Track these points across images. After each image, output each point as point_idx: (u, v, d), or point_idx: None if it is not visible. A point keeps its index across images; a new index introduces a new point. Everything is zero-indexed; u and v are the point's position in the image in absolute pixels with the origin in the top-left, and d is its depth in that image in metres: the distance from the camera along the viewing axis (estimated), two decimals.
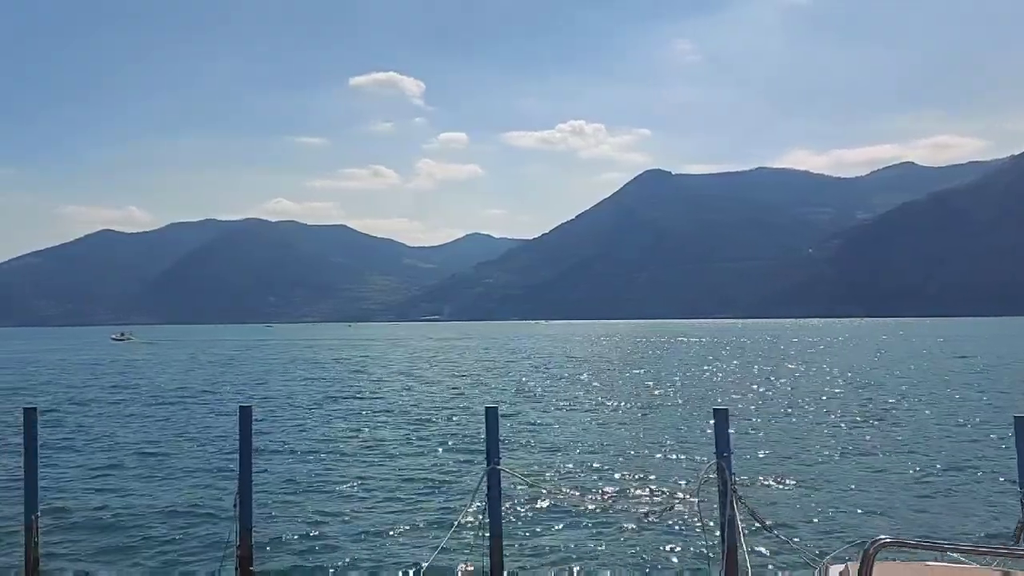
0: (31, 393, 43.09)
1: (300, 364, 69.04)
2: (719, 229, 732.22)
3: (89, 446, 23.82)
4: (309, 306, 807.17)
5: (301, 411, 32.46)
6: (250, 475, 11.59)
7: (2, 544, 13.21)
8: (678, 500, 14.95)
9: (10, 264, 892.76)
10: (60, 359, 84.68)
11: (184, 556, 12.76)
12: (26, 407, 12.22)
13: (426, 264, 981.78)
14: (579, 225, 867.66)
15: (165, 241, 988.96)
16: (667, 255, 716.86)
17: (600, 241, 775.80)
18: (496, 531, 10.82)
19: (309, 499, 16.58)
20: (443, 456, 21.35)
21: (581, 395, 37.93)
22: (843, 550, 8.55)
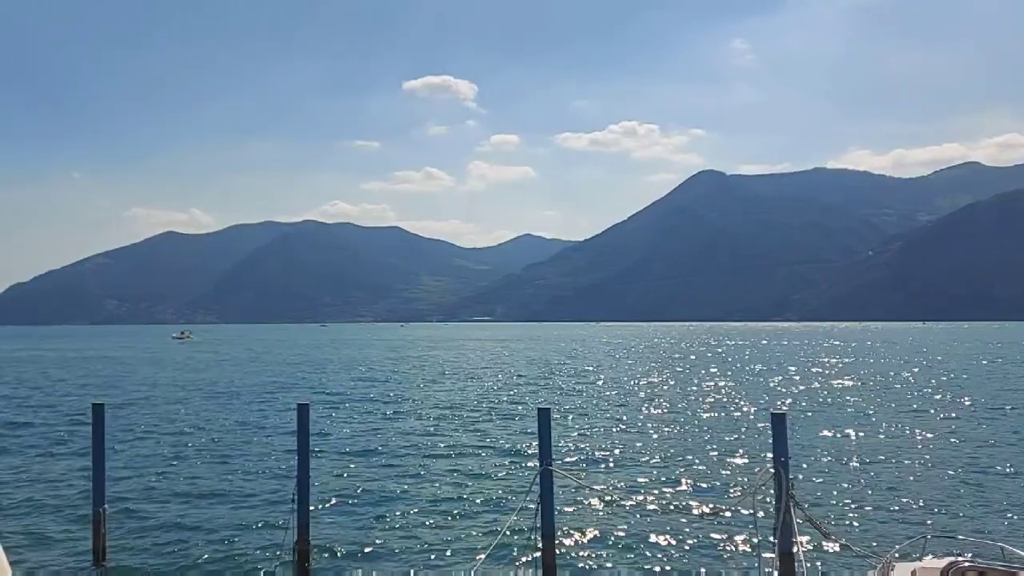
0: (98, 389, 44.59)
1: (354, 363, 69.95)
2: (776, 231, 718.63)
3: (152, 441, 24.51)
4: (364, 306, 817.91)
5: (356, 409, 32.88)
6: (307, 471, 11.80)
7: (71, 535, 13.66)
8: (733, 503, 14.72)
9: (82, 264, 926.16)
10: (125, 357, 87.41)
11: (243, 549, 13.03)
12: (94, 403, 12.67)
13: (478, 265, 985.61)
14: (631, 226, 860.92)
15: (226, 243, 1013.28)
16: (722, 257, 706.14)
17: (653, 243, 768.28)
18: (548, 531, 10.81)
19: (364, 496, 16.79)
20: (496, 456, 21.39)
21: (634, 397, 37.61)
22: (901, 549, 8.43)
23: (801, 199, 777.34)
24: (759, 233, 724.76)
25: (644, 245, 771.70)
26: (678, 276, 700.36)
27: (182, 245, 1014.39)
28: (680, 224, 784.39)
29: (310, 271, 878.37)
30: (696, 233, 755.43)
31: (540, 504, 10.77)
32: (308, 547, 11.91)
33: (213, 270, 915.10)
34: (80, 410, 33.00)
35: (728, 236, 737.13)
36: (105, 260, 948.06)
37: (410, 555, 12.84)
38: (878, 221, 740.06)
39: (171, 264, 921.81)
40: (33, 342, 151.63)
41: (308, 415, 12.09)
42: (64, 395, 41.20)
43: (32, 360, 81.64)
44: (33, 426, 28.56)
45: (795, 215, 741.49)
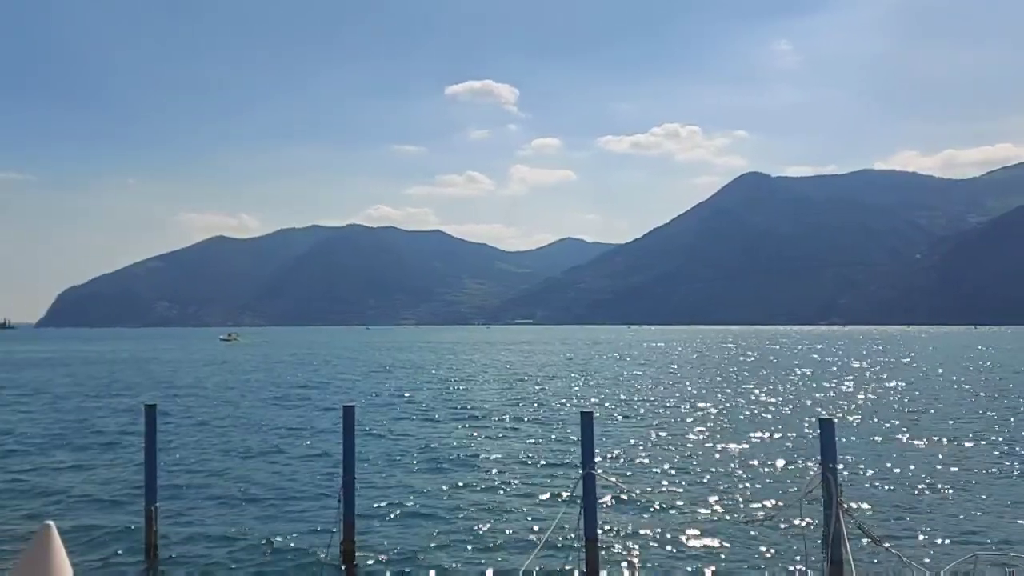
0: (150, 389, 45.70)
1: (398, 366, 70.56)
2: (821, 233, 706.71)
3: (201, 441, 25.00)
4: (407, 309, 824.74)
5: (400, 411, 33.17)
6: (353, 472, 11.95)
7: (125, 532, 14.01)
8: (781, 511, 14.49)
9: (135, 268, 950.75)
10: (175, 358, 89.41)
11: (290, 548, 13.23)
12: (147, 404, 13.00)
13: (519, 269, 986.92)
14: (674, 229, 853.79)
15: (273, 247, 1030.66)
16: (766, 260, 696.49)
17: (696, 245, 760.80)
18: (591, 535, 10.74)
19: (409, 497, 16.93)
20: (538, 460, 21.38)
21: (677, 400, 37.29)
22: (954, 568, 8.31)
23: (847, 201, 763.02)
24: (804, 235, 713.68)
25: (686, 248, 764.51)
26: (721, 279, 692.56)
27: (230, 249, 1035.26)
28: (723, 226, 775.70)
29: (354, 274, 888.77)
30: (739, 236, 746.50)
31: (583, 508, 10.70)
32: (354, 547, 12.06)
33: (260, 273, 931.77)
34: (127, 407, 33.89)
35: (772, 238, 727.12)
36: (157, 264, 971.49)
37: (454, 556, 12.88)
38: (926, 223, 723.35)
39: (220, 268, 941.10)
40: (87, 344, 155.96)
41: (354, 416, 12.25)
42: (116, 395, 42.29)
43: (87, 361, 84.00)
44: (88, 425, 29.37)
45: (841, 217, 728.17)
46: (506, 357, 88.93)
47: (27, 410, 34.84)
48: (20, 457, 22.33)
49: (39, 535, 6.28)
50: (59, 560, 6.18)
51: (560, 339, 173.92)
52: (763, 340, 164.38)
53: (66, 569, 6.20)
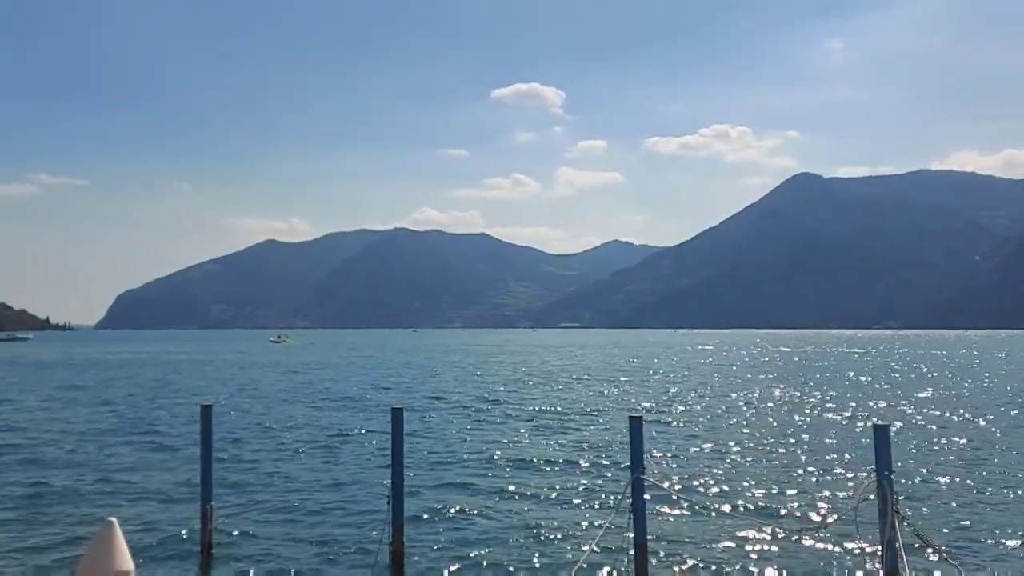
0: (204, 390, 46.76)
1: (445, 368, 70.97)
2: (876, 234, 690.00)
3: (253, 441, 25.51)
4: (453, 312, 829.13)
5: (448, 413, 33.35)
6: (402, 473, 12.05)
7: (181, 529, 14.34)
8: (834, 519, 14.18)
9: (191, 271, 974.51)
10: (228, 360, 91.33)
11: (339, 548, 13.40)
12: (203, 404, 13.29)
13: (565, 271, 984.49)
14: (723, 231, 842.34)
15: (322, 250, 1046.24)
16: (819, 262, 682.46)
17: (746, 247, 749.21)
18: (641, 541, 10.66)
19: (457, 499, 17.01)
20: (587, 464, 21.28)
21: (727, 405, 36.79)
22: None
23: (903, 201, 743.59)
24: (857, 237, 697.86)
25: (736, 250, 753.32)
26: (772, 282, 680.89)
27: (282, 252, 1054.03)
28: (774, 228, 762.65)
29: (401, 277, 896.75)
30: (791, 237, 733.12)
31: (632, 513, 10.63)
32: (403, 547, 12.15)
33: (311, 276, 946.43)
34: (183, 407, 34.73)
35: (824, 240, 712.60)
36: (212, 267, 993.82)
37: (502, 559, 12.90)
38: (987, 223, 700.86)
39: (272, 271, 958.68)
40: (144, 345, 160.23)
41: (402, 418, 12.35)
42: (172, 396, 43.37)
43: (144, 362, 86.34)
44: (145, 424, 30.17)
45: (897, 218, 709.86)
46: (553, 360, 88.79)
47: (87, 410, 35.92)
48: (81, 455, 23.03)
49: (102, 531, 6.50)
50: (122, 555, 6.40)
51: (608, 342, 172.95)
52: (815, 344, 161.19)
53: (128, 563, 6.43)
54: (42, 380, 57.10)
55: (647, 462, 11.25)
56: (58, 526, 14.88)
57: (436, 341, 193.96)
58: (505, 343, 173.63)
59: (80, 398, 41.97)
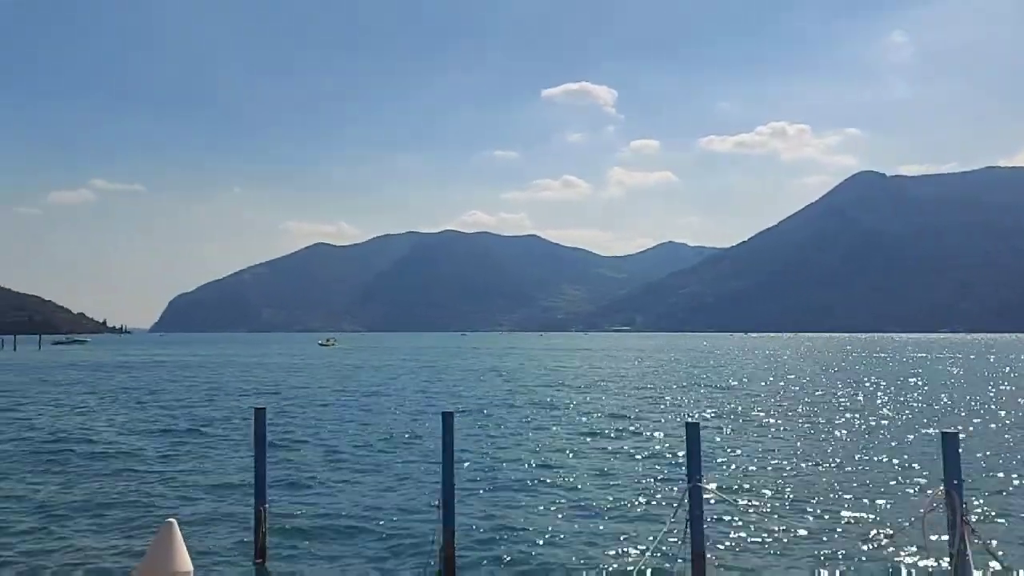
0: (256, 392, 47.56)
1: (496, 372, 70.98)
2: (941, 235, 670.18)
3: (304, 445, 25.72)
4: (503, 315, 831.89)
5: (499, 418, 33.19)
6: (452, 478, 11.89)
7: (235, 531, 14.46)
8: (900, 530, 13.60)
9: (242, 274, 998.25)
10: (279, 362, 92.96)
11: (392, 553, 13.33)
12: (256, 407, 13.35)
13: (617, 274, 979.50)
14: (781, 232, 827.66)
15: (371, 253, 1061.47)
16: (881, 263, 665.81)
17: (804, 249, 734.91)
18: (698, 549, 10.42)
19: (510, 504, 16.83)
20: (642, 470, 20.89)
21: (787, 411, 35.88)
22: None
23: (968, 200, 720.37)
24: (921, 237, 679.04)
25: (795, 251, 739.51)
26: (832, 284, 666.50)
27: (331, 256, 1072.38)
28: (834, 229, 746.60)
29: (450, 280, 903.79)
30: (852, 238, 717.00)
31: (689, 521, 10.38)
32: (454, 553, 11.99)
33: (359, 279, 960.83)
34: (235, 409, 35.32)
35: (887, 240, 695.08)
36: (262, 270, 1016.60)
37: (555, 566, 12.69)
38: None
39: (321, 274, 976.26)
40: (197, 348, 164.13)
41: (452, 422, 12.20)
42: (224, 398, 44.20)
43: (197, 365, 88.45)
44: (198, 427, 30.72)
45: (962, 217, 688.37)
46: (606, 364, 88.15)
47: (143, 411, 36.77)
48: (137, 456, 23.49)
49: (162, 532, 6.58)
50: (181, 556, 6.48)
51: (662, 346, 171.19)
52: (877, 348, 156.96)
53: (187, 565, 6.51)
54: (101, 382, 58.80)
55: (704, 469, 10.87)
56: (115, 527, 15.13)
57: (486, 344, 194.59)
58: (556, 347, 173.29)
59: (136, 399, 42.98)
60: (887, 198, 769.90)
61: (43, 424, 31.58)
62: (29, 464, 22.08)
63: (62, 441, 26.59)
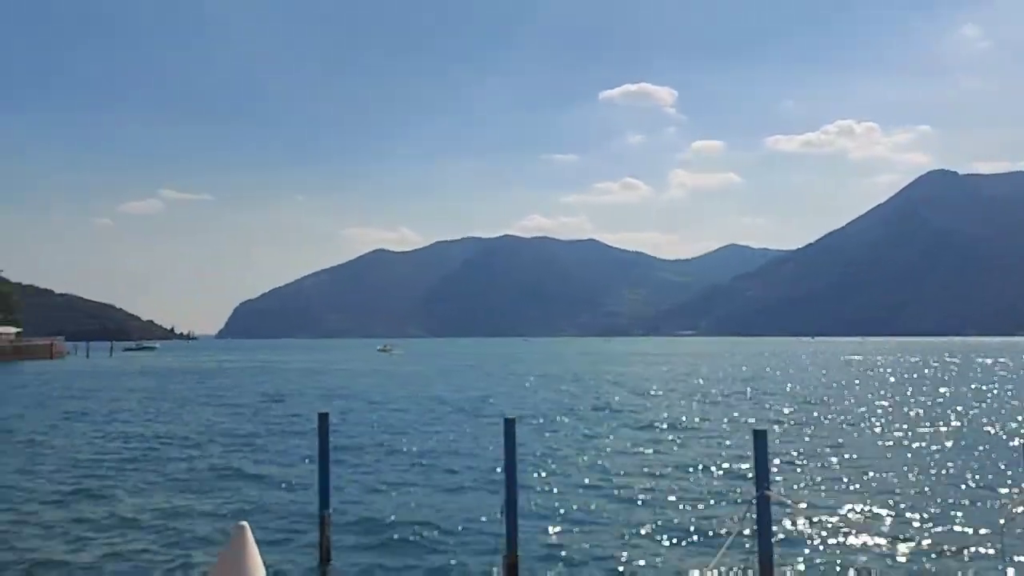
0: (320, 397, 48.38)
1: (559, 377, 70.71)
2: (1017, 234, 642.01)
3: (366, 450, 25.98)
4: (565, 320, 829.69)
5: (561, 424, 33.00)
6: (515, 485, 11.78)
7: (300, 536, 14.63)
8: (978, 540, 12.98)
9: (306, 281, 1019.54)
10: (339, 368, 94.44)
11: (454, 560, 13.31)
12: (320, 412, 13.48)
13: (679, 277, 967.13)
14: (849, 233, 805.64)
15: (431, 258, 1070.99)
16: (954, 264, 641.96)
17: (874, 250, 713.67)
18: (766, 561, 10.03)
19: (572, 511, 16.65)
20: (708, 479, 20.46)
21: (859, 417, 34.79)
22: None
23: None
24: (997, 237, 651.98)
25: (864, 253, 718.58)
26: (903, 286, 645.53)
27: (392, 261, 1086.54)
28: (905, 229, 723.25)
29: (510, 285, 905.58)
30: (924, 238, 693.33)
31: (757, 532, 10.07)
32: (517, 560, 11.88)
33: (419, 285, 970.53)
34: (299, 414, 35.96)
35: (961, 241, 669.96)
36: (324, 277, 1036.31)
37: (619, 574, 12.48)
38: None
39: (382, 280, 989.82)
40: (261, 354, 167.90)
41: (514, 429, 12.10)
42: (288, 403, 45.07)
43: (261, 370, 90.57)
44: (262, 431, 31.36)
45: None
46: (671, 368, 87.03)
47: (209, 416, 37.72)
48: (203, 460, 24.07)
49: (235, 535, 6.63)
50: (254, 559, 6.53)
51: (727, 351, 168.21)
52: (951, 352, 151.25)
53: (260, 569, 6.55)
54: (170, 386, 60.65)
55: (772, 477, 10.77)
56: (187, 529, 15.48)
57: (548, 349, 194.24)
58: (619, 351, 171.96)
59: (202, 404, 44.19)
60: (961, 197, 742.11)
61: (115, 429, 32.69)
62: (106, 467, 22.82)
63: (134, 444, 27.47)
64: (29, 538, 14.81)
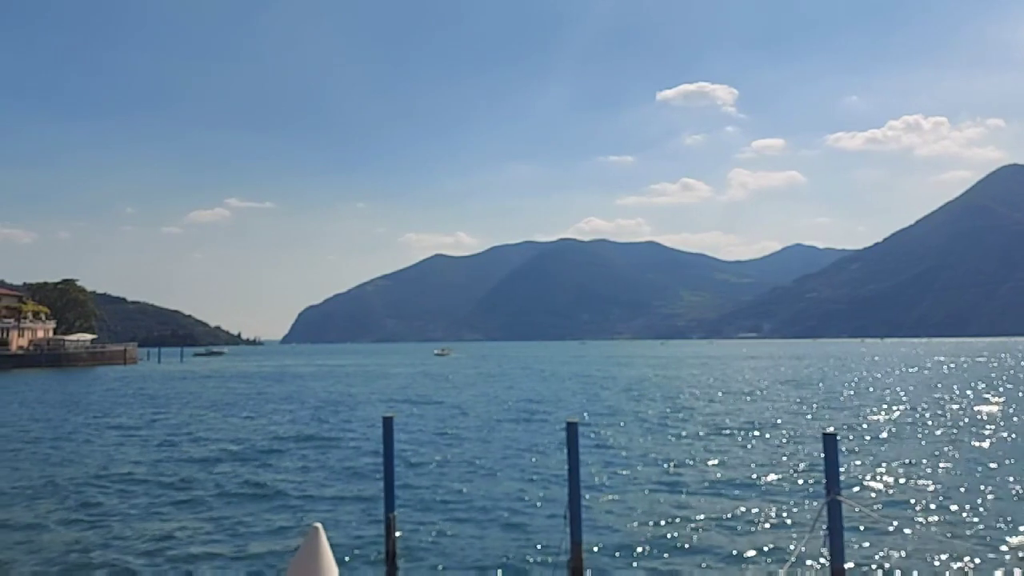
0: (379, 401, 48.97)
1: (618, 381, 70.16)
2: None
3: (432, 452, 26.17)
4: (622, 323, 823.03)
5: (624, 428, 32.71)
6: (578, 488, 11.75)
7: (366, 538, 14.81)
8: None
9: (366, 287, 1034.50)
10: (400, 372, 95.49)
11: (519, 565, 13.30)
12: (385, 416, 13.65)
13: (741, 279, 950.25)
14: (918, 231, 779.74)
15: (488, 263, 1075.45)
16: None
17: (945, 249, 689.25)
18: (838, 567, 9.90)
19: (638, 516, 16.50)
20: (776, 483, 20.02)
21: (933, 420, 33.61)
22: None
23: None
24: None
25: (934, 252, 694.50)
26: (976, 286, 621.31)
27: (449, 266, 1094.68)
28: (978, 227, 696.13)
29: (567, 288, 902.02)
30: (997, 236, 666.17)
31: (828, 537, 9.92)
32: (582, 565, 11.82)
33: (477, 289, 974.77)
34: (362, 417, 36.50)
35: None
36: (384, 282, 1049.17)
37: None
38: None
39: (440, 284, 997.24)
40: (325, 358, 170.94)
41: (577, 432, 12.06)
42: (353, 406, 45.74)
43: (325, 375, 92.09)
44: (331, 434, 31.87)
45: None
46: (735, 372, 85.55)
47: (276, 418, 38.61)
48: (275, 459, 24.64)
49: (309, 536, 6.78)
50: (327, 559, 6.69)
51: (792, 353, 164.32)
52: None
53: (334, 569, 6.71)
54: (239, 390, 62.20)
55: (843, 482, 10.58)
56: (259, 527, 15.85)
57: (606, 352, 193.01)
58: (679, 355, 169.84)
59: (271, 407, 45.23)
60: None
61: (187, 432, 33.68)
62: (180, 469, 23.52)
63: (206, 446, 28.26)
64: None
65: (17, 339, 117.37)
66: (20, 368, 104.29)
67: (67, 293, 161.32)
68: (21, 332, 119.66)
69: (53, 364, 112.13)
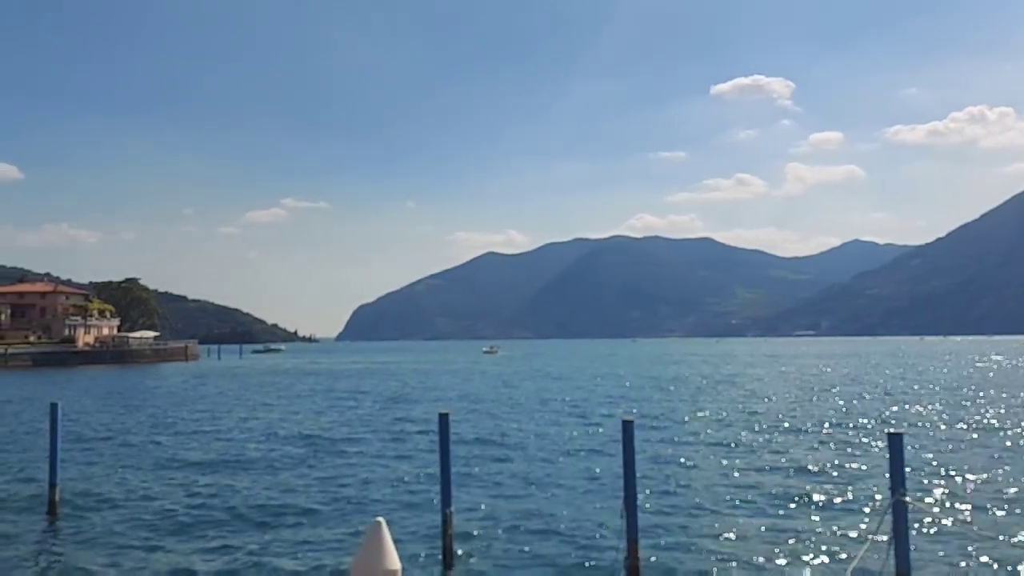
0: (435, 397, 49.37)
1: (672, 379, 69.48)
2: None
3: (486, 450, 26.29)
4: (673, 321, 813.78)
5: (679, 426, 32.35)
6: (635, 487, 11.69)
7: (422, 533, 14.95)
8: None
9: (417, 285, 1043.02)
10: (451, 369, 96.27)
11: (575, 563, 13.29)
12: (440, 412, 13.74)
13: (798, 275, 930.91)
14: (984, 226, 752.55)
15: (539, 261, 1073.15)
16: None
17: (1012, 244, 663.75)
18: (903, 568, 9.70)
19: (694, 514, 16.37)
20: (838, 483, 19.60)
21: (1001, 420, 32.51)
22: None
23: None
24: None
25: (1001, 247, 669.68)
26: None
27: (500, 264, 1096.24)
28: None
29: (618, 286, 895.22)
30: None
31: (893, 538, 9.75)
32: (638, 564, 11.76)
33: (528, 287, 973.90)
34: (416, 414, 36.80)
35: None
36: (435, 281, 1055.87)
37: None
38: None
39: (490, 282, 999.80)
40: (379, 355, 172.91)
41: (632, 431, 11.98)
42: (406, 402, 46.27)
43: (380, 371, 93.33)
44: (387, 430, 32.22)
45: None
46: (794, 370, 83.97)
47: (333, 415, 39.19)
48: (333, 458, 25.03)
49: (371, 530, 6.90)
50: (390, 554, 6.80)
51: (853, 352, 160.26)
52: None
53: (396, 563, 6.82)
54: (299, 386, 63.40)
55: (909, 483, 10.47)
56: (321, 524, 16.14)
57: (659, 351, 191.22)
58: (735, 352, 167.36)
59: (332, 404, 46.03)
60: None
61: (250, 427, 34.48)
62: (239, 465, 24.10)
63: (271, 442, 28.88)
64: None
65: (84, 336, 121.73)
66: (87, 364, 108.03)
67: (131, 292, 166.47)
68: (87, 329, 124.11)
69: (118, 360, 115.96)
